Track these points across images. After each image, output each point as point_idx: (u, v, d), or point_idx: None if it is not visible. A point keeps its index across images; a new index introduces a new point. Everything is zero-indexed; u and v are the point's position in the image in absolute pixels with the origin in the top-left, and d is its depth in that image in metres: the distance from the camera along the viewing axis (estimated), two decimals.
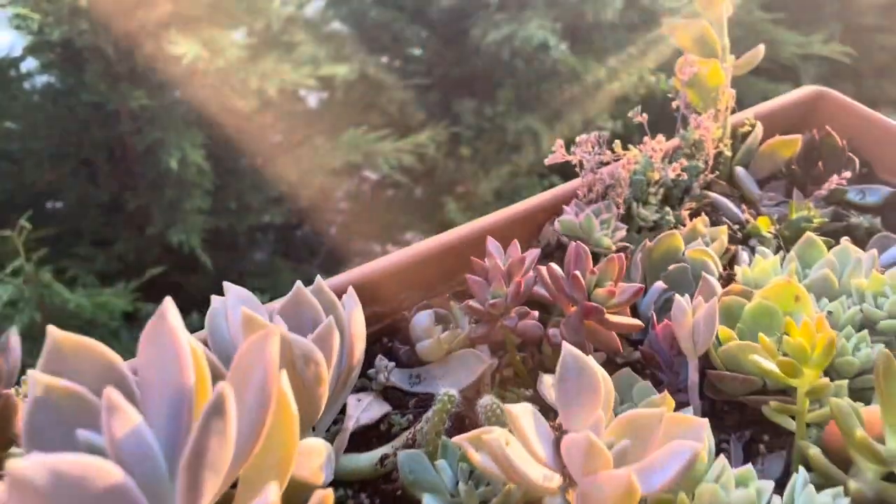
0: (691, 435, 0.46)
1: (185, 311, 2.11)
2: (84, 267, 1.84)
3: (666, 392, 0.54)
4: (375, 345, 0.74)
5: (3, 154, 2.07)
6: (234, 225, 2.19)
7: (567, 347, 0.50)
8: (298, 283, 0.60)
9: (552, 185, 0.84)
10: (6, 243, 1.55)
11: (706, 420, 0.48)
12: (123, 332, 1.72)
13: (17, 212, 1.69)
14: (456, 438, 0.47)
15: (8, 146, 2.08)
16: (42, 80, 2.21)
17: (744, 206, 0.86)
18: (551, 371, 0.66)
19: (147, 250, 2.05)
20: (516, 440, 0.46)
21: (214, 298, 0.61)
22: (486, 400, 0.55)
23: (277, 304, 0.62)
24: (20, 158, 2.07)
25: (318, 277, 0.63)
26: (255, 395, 0.36)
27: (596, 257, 0.69)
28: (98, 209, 2.09)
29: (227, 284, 0.60)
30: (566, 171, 0.79)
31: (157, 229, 1.99)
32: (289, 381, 0.47)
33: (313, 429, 0.58)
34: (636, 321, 0.63)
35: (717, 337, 0.60)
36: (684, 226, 0.78)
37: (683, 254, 0.72)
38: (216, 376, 0.39)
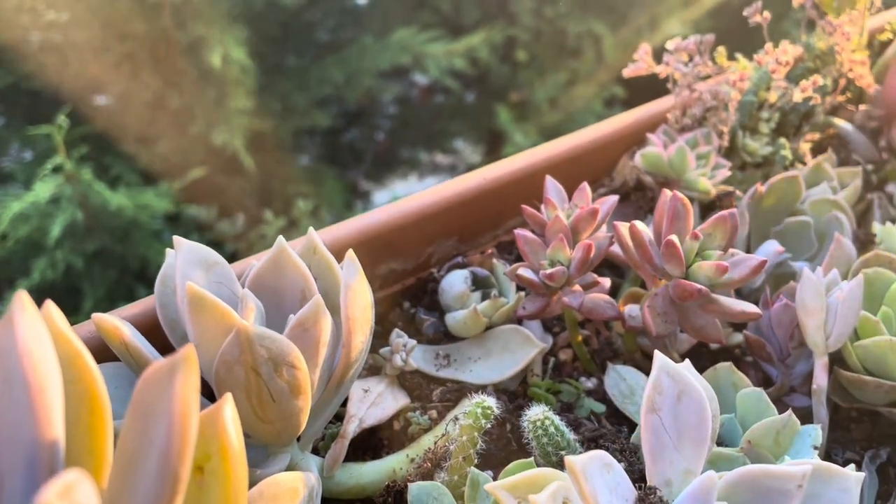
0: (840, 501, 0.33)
1: (228, 213, 2.06)
2: (127, 166, 1.81)
3: (790, 414, 0.41)
4: (392, 312, 0.58)
5: (47, 45, 2.02)
6: (279, 127, 2.12)
7: (661, 361, 0.35)
8: (280, 239, 0.46)
9: (613, 97, 0.69)
10: (48, 139, 1.52)
11: (861, 477, 0.35)
12: (166, 233, 1.70)
13: (62, 107, 1.65)
14: (490, 487, 0.35)
15: (51, 37, 2.02)
16: None
17: (881, 140, 0.69)
18: (621, 357, 0.55)
19: (190, 151, 2.01)
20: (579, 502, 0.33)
21: (168, 254, 0.46)
22: (536, 412, 0.43)
23: (256, 262, 0.47)
24: (64, 50, 2.02)
25: (311, 231, 0.48)
26: (154, 470, 0.25)
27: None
28: (141, 107, 2.04)
29: (177, 240, 0.45)
30: (631, 82, 0.66)
31: (200, 129, 1.94)
32: (251, 392, 0.38)
33: (298, 439, 0.46)
34: (755, 309, 0.47)
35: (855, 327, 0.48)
36: (803, 164, 0.62)
37: (804, 203, 0.58)
38: None
